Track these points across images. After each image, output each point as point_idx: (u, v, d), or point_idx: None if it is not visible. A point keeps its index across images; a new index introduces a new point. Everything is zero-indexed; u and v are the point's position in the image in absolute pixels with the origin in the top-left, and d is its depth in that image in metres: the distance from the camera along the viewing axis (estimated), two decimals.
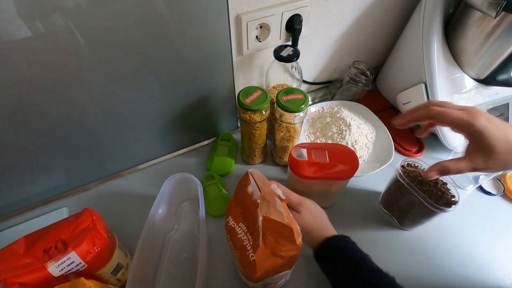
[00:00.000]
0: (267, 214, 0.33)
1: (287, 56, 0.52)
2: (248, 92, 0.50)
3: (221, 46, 0.50)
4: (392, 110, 0.71)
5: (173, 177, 0.48)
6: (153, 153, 0.62)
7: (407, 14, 0.64)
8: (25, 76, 0.39)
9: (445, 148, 0.61)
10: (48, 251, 0.35)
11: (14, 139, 0.44)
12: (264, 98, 0.49)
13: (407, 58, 0.63)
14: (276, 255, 0.34)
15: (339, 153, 0.46)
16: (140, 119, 0.53)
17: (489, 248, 0.50)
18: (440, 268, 0.48)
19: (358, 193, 0.57)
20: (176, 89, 0.52)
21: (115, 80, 0.45)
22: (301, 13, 0.54)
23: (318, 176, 0.45)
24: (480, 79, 0.57)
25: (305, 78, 0.71)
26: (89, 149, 0.52)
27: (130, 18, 0.39)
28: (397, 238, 0.52)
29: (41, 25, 0.35)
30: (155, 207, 0.45)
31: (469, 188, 0.58)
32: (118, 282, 0.43)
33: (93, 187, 0.58)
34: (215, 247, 0.49)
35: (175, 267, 0.48)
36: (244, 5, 0.49)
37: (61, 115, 0.45)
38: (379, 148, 0.61)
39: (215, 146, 0.63)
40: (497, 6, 0.44)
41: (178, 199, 0.54)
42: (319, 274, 0.46)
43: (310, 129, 0.65)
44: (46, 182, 0.53)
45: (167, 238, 0.50)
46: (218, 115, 0.62)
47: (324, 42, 0.65)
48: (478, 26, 0.51)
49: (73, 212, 0.44)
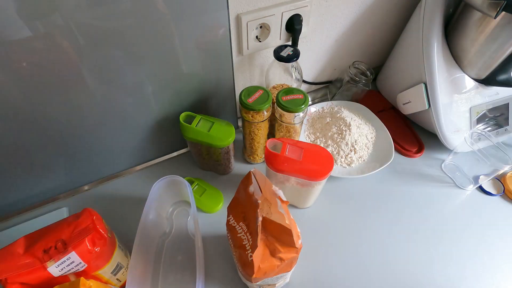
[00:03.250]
0: (268, 215, 0.33)
1: (287, 56, 0.52)
2: (249, 92, 0.50)
3: (221, 46, 0.50)
4: (392, 110, 0.71)
5: (161, 180, 0.47)
6: (153, 153, 0.62)
7: (407, 14, 0.64)
8: (24, 76, 0.39)
9: (445, 148, 0.61)
10: (48, 251, 0.35)
11: (14, 139, 0.44)
12: (266, 98, 0.49)
13: (407, 58, 0.63)
14: (275, 256, 0.34)
15: (316, 154, 0.46)
16: (140, 119, 0.53)
17: (489, 248, 0.50)
18: (439, 268, 0.48)
19: (358, 192, 0.58)
20: (176, 89, 0.52)
21: (115, 80, 0.45)
22: (301, 13, 0.54)
23: (287, 171, 0.45)
24: (480, 79, 0.57)
25: (305, 78, 0.71)
26: (89, 149, 0.52)
27: (130, 18, 0.39)
28: (388, 236, 0.52)
29: (41, 25, 0.35)
30: (146, 212, 0.45)
31: (469, 188, 0.58)
32: (118, 282, 0.43)
33: (93, 187, 0.58)
34: (210, 247, 0.50)
35: (172, 271, 0.47)
36: (244, 5, 0.49)
37: (60, 115, 0.45)
38: (379, 148, 0.61)
39: None
40: (497, 6, 0.44)
41: (168, 202, 0.54)
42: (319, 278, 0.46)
43: (310, 129, 0.65)
44: (46, 182, 0.53)
45: (161, 242, 0.50)
46: (218, 115, 0.62)
47: (324, 42, 0.65)
48: (478, 26, 0.51)
49: (73, 212, 0.43)
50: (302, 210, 0.55)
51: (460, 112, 0.58)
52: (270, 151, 0.46)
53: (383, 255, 0.49)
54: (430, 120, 0.59)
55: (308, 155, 0.46)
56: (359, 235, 0.52)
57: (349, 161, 0.59)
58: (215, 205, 0.54)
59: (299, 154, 0.46)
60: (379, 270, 0.48)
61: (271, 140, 0.47)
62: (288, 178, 0.48)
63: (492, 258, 0.49)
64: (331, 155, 0.46)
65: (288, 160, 0.45)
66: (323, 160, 0.46)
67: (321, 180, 0.46)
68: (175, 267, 0.48)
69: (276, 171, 0.46)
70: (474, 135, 0.57)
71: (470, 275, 0.47)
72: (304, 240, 0.52)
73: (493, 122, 0.61)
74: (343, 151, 0.59)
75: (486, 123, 0.60)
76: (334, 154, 0.60)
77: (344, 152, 0.59)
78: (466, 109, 0.58)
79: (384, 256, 0.49)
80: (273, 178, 0.49)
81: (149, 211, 0.46)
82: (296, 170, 0.45)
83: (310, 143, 0.47)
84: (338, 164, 0.60)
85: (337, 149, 0.59)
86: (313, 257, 0.49)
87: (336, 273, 0.48)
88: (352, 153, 0.59)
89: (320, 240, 0.51)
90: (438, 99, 0.56)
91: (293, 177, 0.47)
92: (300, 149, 0.46)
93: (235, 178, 0.60)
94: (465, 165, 0.60)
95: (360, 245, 0.51)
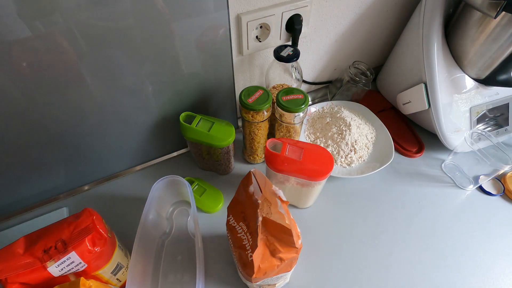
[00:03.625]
0: (268, 215, 0.33)
1: (287, 56, 0.52)
2: (249, 92, 0.50)
3: (221, 46, 0.50)
4: (392, 110, 0.71)
5: (161, 180, 0.47)
6: (153, 153, 0.62)
7: (407, 14, 0.64)
8: (25, 76, 0.39)
9: (445, 148, 0.61)
10: (48, 251, 0.35)
11: (14, 139, 0.44)
12: (266, 98, 0.49)
13: (407, 58, 0.63)
14: (275, 256, 0.34)
15: (316, 154, 0.46)
16: (140, 119, 0.53)
17: (489, 249, 0.50)
18: (439, 269, 0.48)
19: (358, 192, 0.58)
20: (176, 89, 0.52)
21: (115, 80, 0.45)
22: (301, 13, 0.54)
23: (287, 171, 0.45)
24: (480, 79, 0.57)
25: (305, 78, 0.71)
26: (89, 149, 0.52)
27: (130, 18, 0.39)
28: (388, 236, 0.52)
29: (41, 25, 0.35)
30: (146, 212, 0.45)
31: (469, 188, 0.58)
32: (118, 282, 0.43)
33: (93, 187, 0.58)
34: (210, 247, 0.50)
35: (172, 271, 0.47)
36: (244, 5, 0.49)
37: (61, 115, 0.45)
38: (379, 148, 0.61)
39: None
40: (497, 6, 0.44)
41: (168, 202, 0.54)
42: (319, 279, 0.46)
43: (310, 129, 0.65)
44: (46, 182, 0.53)
45: (161, 242, 0.50)
46: (218, 115, 0.62)
47: (324, 42, 0.65)
48: (478, 26, 0.51)
49: (73, 212, 0.43)
50: (302, 210, 0.55)
51: (460, 112, 0.58)
52: (270, 151, 0.46)
53: (383, 255, 0.49)
54: (430, 120, 0.59)
55: (308, 155, 0.46)
56: (359, 235, 0.52)
57: (349, 161, 0.59)
58: (215, 205, 0.54)
59: (299, 154, 0.46)
60: (379, 270, 0.48)
61: (271, 140, 0.47)
62: (288, 178, 0.48)
63: (492, 258, 0.49)
64: (331, 155, 0.46)
65: (288, 160, 0.45)
66: (323, 160, 0.46)
67: (321, 180, 0.46)
68: (175, 267, 0.48)
69: (276, 171, 0.46)
70: (474, 135, 0.57)
71: (470, 275, 0.47)
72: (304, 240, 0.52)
73: (493, 122, 0.61)
74: (343, 151, 0.59)
75: (486, 123, 0.60)
76: (334, 154, 0.60)
77: (344, 152, 0.59)
78: (466, 109, 0.58)
79: (384, 256, 0.49)
80: (273, 178, 0.49)
81: (149, 211, 0.46)
82: (296, 170, 0.45)
83: (310, 143, 0.47)
84: (338, 164, 0.60)
85: (337, 149, 0.59)
86: (313, 258, 0.49)
87: (337, 273, 0.48)
88: (352, 153, 0.59)
89: (320, 240, 0.51)
90: (438, 99, 0.56)
91: (293, 177, 0.47)
92: (300, 149, 0.46)
93: (235, 178, 0.60)
94: (465, 165, 0.60)
95: (360, 245, 0.51)
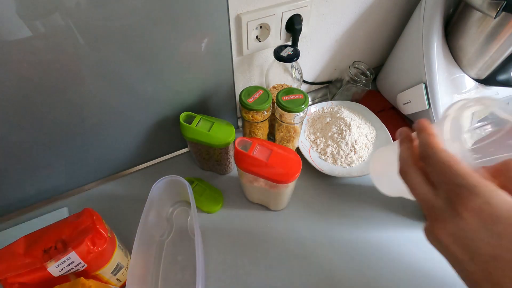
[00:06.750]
0: None
1: (287, 56, 0.52)
2: (249, 92, 0.50)
3: (221, 46, 0.50)
4: (392, 110, 0.71)
5: (161, 180, 0.47)
6: (153, 153, 0.62)
7: (407, 14, 0.64)
8: (25, 76, 0.39)
9: None
10: (48, 251, 0.35)
11: (13, 139, 0.44)
12: (266, 98, 0.50)
13: (407, 58, 0.63)
14: None
15: (285, 157, 0.45)
16: (140, 119, 0.53)
17: None
18: (438, 269, 0.48)
19: (358, 193, 0.58)
20: (176, 89, 0.52)
21: (115, 80, 0.45)
22: (301, 13, 0.54)
23: (251, 171, 0.45)
24: (480, 79, 0.57)
25: (305, 78, 0.71)
26: (89, 148, 0.52)
27: (130, 18, 0.39)
28: (389, 236, 0.52)
29: (41, 25, 0.35)
30: (146, 212, 0.45)
31: None
32: (118, 282, 0.43)
33: (93, 187, 0.58)
34: (210, 247, 0.50)
35: (172, 271, 0.47)
36: (244, 5, 0.49)
37: (61, 115, 0.45)
38: (379, 148, 0.61)
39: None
40: (497, 6, 0.44)
41: (168, 202, 0.54)
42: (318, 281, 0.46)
43: (310, 129, 0.65)
44: (46, 182, 0.53)
45: (161, 242, 0.50)
46: (218, 115, 0.62)
47: (324, 42, 0.65)
48: (478, 26, 0.51)
49: (73, 212, 0.43)
50: (302, 211, 0.55)
51: None
52: (237, 149, 0.45)
53: (384, 255, 0.49)
54: (430, 120, 0.59)
55: (276, 157, 0.45)
56: (359, 234, 0.52)
57: (349, 161, 0.59)
58: (215, 205, 0.54)
59: (267, 156, 0.45)
60: (379, 269, 0.48)
61: (241, 139, 0.47)
62: (256, 178, 0.47)
63: None
64: (300, 160, 0.46)
65: (255, 160, 0.44)
66: (290, 164, 0.45)
67: (287, 183, 0.45)
68: (175, 267, 0.48)
69: (242, 169, 0.46)
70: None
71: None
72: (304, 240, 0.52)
73: (493, 122, 0.61)
74: (343, 151, 0.59)
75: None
76: (334, 154, 0.60)
77: (344, 152, 0.59)
78: None
79: (386, 256, 0.49)
80: (243, 177, 0.49)
81: (149, 211, 0.46)
82: (261, 171, 0.44)
83: (283, 146, 0.47)
84: (338, 164, 0.60)
85: (337, 149, 0.59)
86: (314, 258, 0.49)
87: (337, 273, 0.48)
88: (352, 153, 0.59)
89: (320, 240, 0.51)
90: (438, 99, 0.56)
91: (261, 178, 0.46)
92: (269, 150, 0.46)
93: (235, 178, 0.60)
94: None
95: (360, 245, 0.51)
